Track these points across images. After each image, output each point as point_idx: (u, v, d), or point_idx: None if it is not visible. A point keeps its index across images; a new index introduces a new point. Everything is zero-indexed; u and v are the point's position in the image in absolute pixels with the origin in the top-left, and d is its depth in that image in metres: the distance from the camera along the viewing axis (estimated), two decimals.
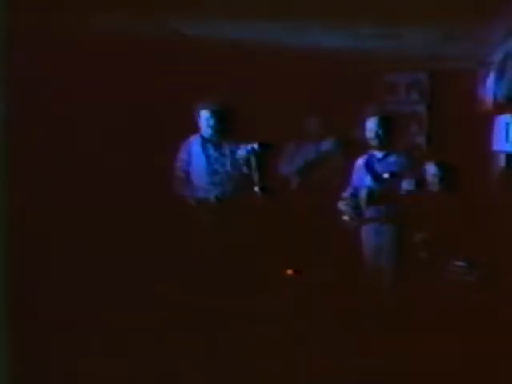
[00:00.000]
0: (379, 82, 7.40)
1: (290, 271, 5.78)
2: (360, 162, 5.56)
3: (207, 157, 5.77)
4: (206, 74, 5.99)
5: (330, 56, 6.78)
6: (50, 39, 4.97)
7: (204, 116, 5.75)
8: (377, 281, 5.38)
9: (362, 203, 5.37)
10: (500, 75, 6.38)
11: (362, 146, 5.66)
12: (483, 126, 6.71)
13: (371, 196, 5.34)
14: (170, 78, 5.85)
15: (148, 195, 5.60)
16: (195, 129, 5.79)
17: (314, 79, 6.66)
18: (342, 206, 5.45)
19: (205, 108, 5.74)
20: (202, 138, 5.80)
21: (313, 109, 6.70)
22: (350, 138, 6.48)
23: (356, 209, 5.40)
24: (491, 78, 6.70)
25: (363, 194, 5.36)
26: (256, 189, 5.71)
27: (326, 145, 6.78)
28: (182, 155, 5.81)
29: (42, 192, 5.01)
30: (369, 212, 5.37)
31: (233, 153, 5.75)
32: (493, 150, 6.70)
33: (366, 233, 5.43)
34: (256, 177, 5.72)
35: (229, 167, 5.78)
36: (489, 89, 6.79)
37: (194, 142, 5.81)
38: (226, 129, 5.76)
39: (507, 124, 6.15)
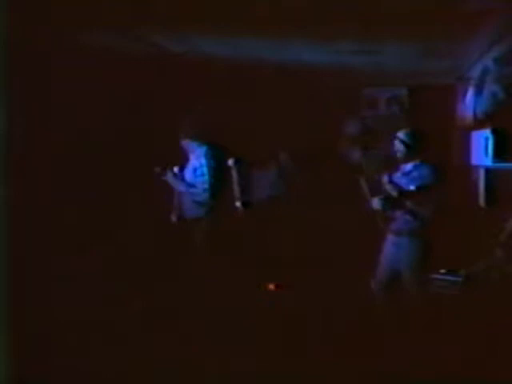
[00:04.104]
0: (359, 97, 7.46)
1: (271, 286, 5.78)
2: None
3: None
4: (189, 87, 6.02)
5: (311, 71, 6.81)
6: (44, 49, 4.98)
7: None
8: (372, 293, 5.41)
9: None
10: (479, 91, 6.44)
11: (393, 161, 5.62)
12: (463, 141, 6.77)
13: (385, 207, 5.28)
14: (154, 91, 5.91)
15: (148, 201, 5.67)
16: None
17: (295, 94, 6.70)
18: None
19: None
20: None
21: (293, 123, 6.73)
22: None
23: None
24: (470, 94, 6.76)
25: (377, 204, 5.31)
26: (237, 204, 5.72)
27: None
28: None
29: (41, 192, 5.01)
30: (391, 224, 5.35)
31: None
32: (472, 164, 6.76)
33: (386, 243, 5.41)
34: (237, 192, 5.73)
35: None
36: (468, 104, 6.85)
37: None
38: None
39: (486, 139, 6.20)
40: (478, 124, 6.53)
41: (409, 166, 5.26)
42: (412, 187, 5.20)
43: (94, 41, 5.27)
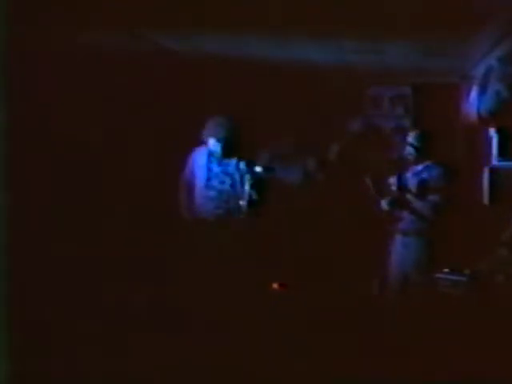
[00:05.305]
0: (363, 96, 7.44)
1: (275, 285, 5.78)
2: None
3: (209, 170, 5.77)
4: (191, 87, 6.02)
5: (315, 70, 6.81)
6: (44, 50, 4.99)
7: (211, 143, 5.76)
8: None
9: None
10: (483, 90, 6.42)
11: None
12: (467, 140, 6.75)
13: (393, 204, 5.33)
14: (156, 91, 5.91)
15: (147, 201, 5.66)
16: (181, 139, 5.80)
17: (299, 93, 6.69)
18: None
19: (211, 136, 5.73)
20: (209, 151, 5.80)
21: (297, 122, 6.73)
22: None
23: None
24: (474, 93, 6.74)
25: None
26: (242, 202, 5.71)
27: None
28: (189, 165, 5.83)
29: (41, 193, 5.02)
30: (398, 224, 5.38)
31: (238, 170, 5.76)
32: (477, 163, 6.73)
33: (395, 244, 5.43)
34: (245, 193, 5.71)
35: (228, 185, 5.77)
36: (472, 103, 6.83)
37: (201, 153, 5.81)
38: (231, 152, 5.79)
39: (491, 137, 6.19)
40: (483, 123, 6.51)
41: (419, 167, 5.32)
42: (420, 187, 5.25)
43: (94, 41, 5.28)
